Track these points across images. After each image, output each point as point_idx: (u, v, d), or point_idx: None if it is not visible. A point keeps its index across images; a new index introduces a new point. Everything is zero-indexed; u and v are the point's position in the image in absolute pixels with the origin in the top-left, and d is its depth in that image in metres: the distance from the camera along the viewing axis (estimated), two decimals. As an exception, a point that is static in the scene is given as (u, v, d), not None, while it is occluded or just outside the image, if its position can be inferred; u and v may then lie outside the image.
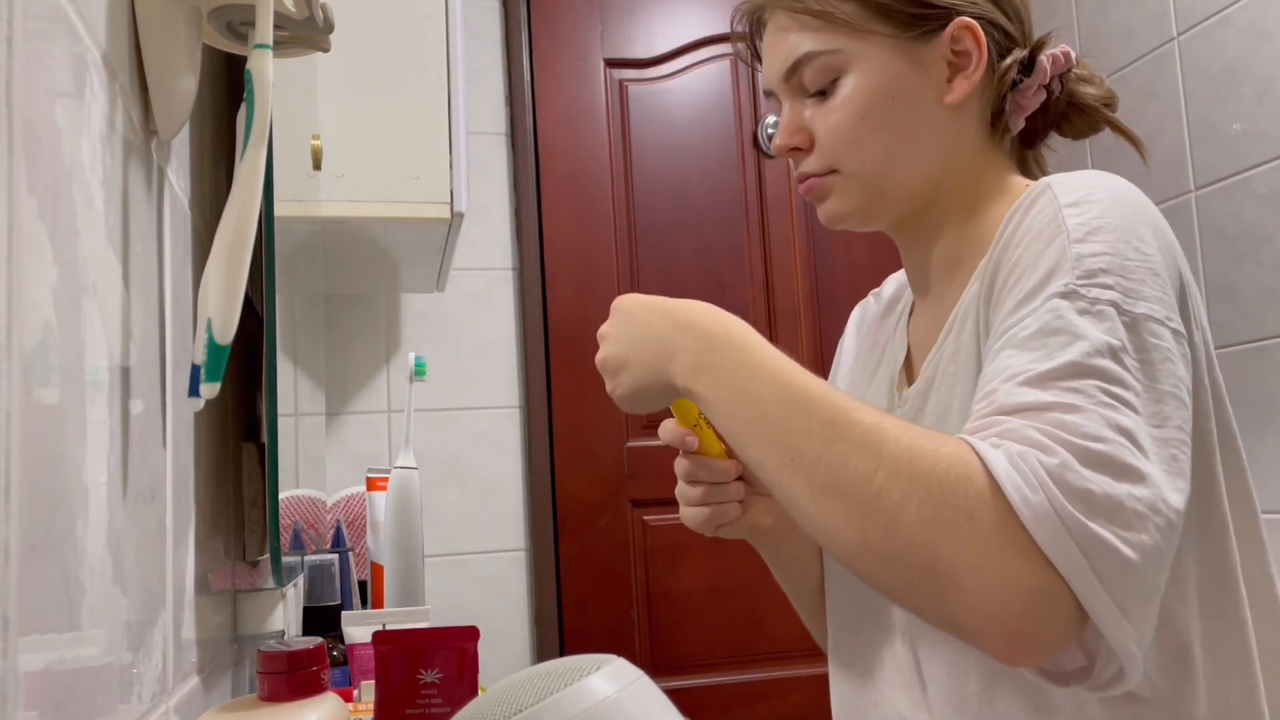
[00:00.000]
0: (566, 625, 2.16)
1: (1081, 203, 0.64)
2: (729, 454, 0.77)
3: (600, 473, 2.21)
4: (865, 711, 0.79)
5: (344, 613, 1.19)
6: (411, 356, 1.52)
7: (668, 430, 0.77)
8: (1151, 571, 0.53)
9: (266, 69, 0.55)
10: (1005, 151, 0.81)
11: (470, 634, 0.80)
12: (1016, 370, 0.58)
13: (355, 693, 1.06)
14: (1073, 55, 0.78)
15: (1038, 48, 0.77)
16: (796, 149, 0.79)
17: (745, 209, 2.34)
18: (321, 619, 1.44)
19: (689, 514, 0.79)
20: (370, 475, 1.55)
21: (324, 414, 2.09)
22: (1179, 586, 0.65)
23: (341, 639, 1.19)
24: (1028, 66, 0.77)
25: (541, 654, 2.14)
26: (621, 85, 2.33)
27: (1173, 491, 0.55)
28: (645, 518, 2.21)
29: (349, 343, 2.16)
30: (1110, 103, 0.79)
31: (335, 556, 1.51)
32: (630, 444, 2.23)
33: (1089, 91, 0.79)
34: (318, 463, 1.89)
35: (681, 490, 0.79)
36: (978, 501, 0.53)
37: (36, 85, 0.40)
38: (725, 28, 0.88)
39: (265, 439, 0.89)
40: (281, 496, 0.92)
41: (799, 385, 0.62)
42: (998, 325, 0.64)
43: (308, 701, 0.61)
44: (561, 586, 2.17)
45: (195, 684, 0.73)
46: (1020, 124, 0.80)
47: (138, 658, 0.55)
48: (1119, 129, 0.80)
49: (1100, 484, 0.53)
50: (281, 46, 0.66)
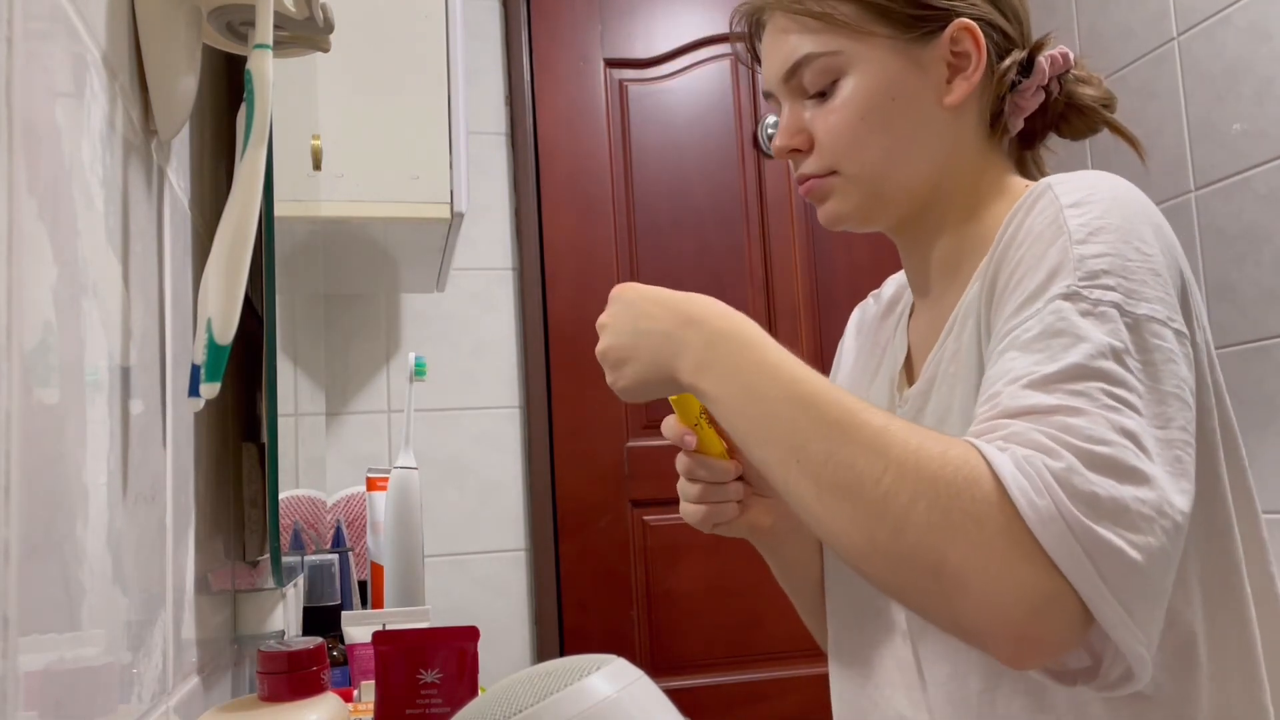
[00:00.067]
0: (566, 625, 2.16)
1: (1083, 203, 0.64)
2: (729, 453, 0.78)
3: (600, 473, 2.21)
4: (865, 711, 0.79)
5: (344, 613, 1.19)
6: (411, 356, 1.51)
7: (669, 427, 0.78)
8: (1157, 574, 0.54)
9: (266, 69, 0.55)
10: (1004, 152, 0.81)
11: (470, 634, 0.80)
12: (1020, 373, 0.58)
13: (355, 693, 1.06)
14: (1071, 56, 0.78)
15: (1036, 49, 0.78)
16: (796, 150, 0.79)
17: (745, 209, 2.34)
18: (321, 619, 1.44)
19: (688, 510, 0.80)
20: (370, 475, 1.55)
21: (324, 414, 2.09)
22: (1182, 584, 0.65)
23: (341, 639, 1.19)
24: (1026, 68, 0.77)
25: (541, 654, 2.14)
26: (621, 85, 2.33)
27: (1177, 493, 0.55)
28: (645, 518, 2.21)
29: (349, 343, 2.16)
30: (1109, 103, 0.80)
31: (335, 556, 1.51)
32: (630, 444, 2.23)
33: (1087, 92, 0.79)
34: (318, 463, 1.89)
35: (681, 487, 0.80)
36: (984, 505, 0.53)
37: (36, 85, 0.40)
38: (725, 28, 0.88)
39: (265, 439, 0.89)
40: (281, 496, 0.92)
41: (806, 385, 0.62)
42: (1000, 326, 0.64)
43: (308, 701, 0.61)
44: (561, 586, 2.17)
45: (195, 684, 0.73)
46: (1019, 125, 0.80)
47: (138, 658, 0.55)
48: (1117, 130, 0.80)
49: (1106, 487, 0.53)
50: (281, 46, 0.66)
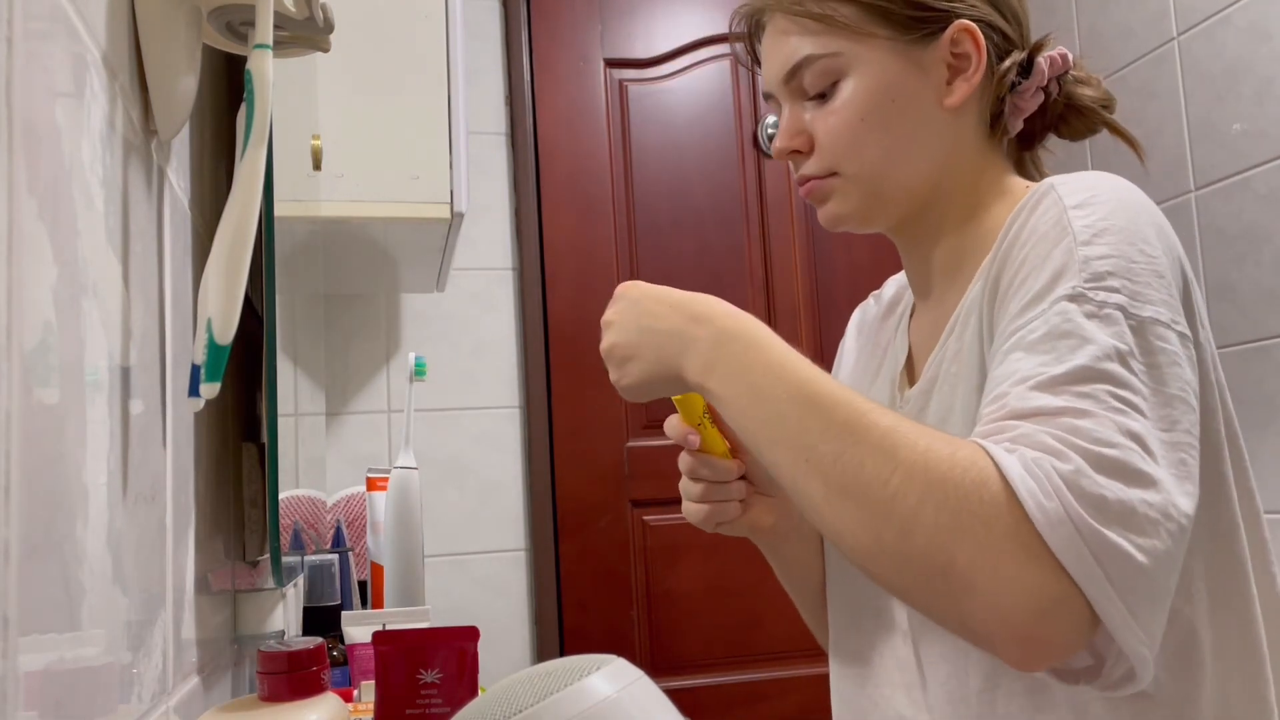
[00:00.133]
0: (566, 625, 2.16)
1: (1087, 204, 0.64)
2: (732, 453, 0.78)
3: (600, 473, 2.21)
4: (865, 710, 0.79)
5: (344, 613, 1.19)
6: (411, 356, 1.52)
7: (672, 427, 0.78)
8: (1162, 576, 0.54)
9: (266, 69, 0.55)
10: (1004, 153, 0.81)
11: (470, 634, 0.80)
12: (1027, 374, 0.58)
13: (355, 693, 1.06)
14: (1070, 57, 0.78)
15: (1036, 50, 0.78)
16: (797, 152, 0.79)
17: (745, 209, 2.34)
18: (321, 619, 1.44)
19: (690, 509, 0.80)
20: (370, 475, 1.55)
21: (324, 414, 2.09)
22: (1186, 584, 0.65)
23: (341, 639, 1.19)
24: (1026, 69, 0.77)
25: (541, 654, 2.14)
26: (621, 85, 2.33)
27: (1182, 496, 0.55)
28: (645, 518, 2.21)
29: (349, 343, 2.16)
30: (1108, 104, 0.80)
31: (335, 556, 1.51)
32: (630, 444, 2.23)
33: (1086, 93, 0.79)
34: (318, 463, 1.89)
35: (684, 486, 0.80)
36: (993, 507, 0.53)
37: (36, 85, 0.40)
38: (725, 28, 0.88)
39: (265, 439, 0.89)
40: (281, 496, 0.92)
41: (814, 385, 0.62)
42: (1004, 326, 0.64)
43: (308, 701, 0.61)
44: (561, 586, 2.17)
45: (195, 684, 0.73)
46: (1019, 125, 0.80)
47: (138, 658, 0.55)
48: (1116, 130, 0.80)
49: (1113, 490, 0.53)
50: (281, 46, 0.66)
